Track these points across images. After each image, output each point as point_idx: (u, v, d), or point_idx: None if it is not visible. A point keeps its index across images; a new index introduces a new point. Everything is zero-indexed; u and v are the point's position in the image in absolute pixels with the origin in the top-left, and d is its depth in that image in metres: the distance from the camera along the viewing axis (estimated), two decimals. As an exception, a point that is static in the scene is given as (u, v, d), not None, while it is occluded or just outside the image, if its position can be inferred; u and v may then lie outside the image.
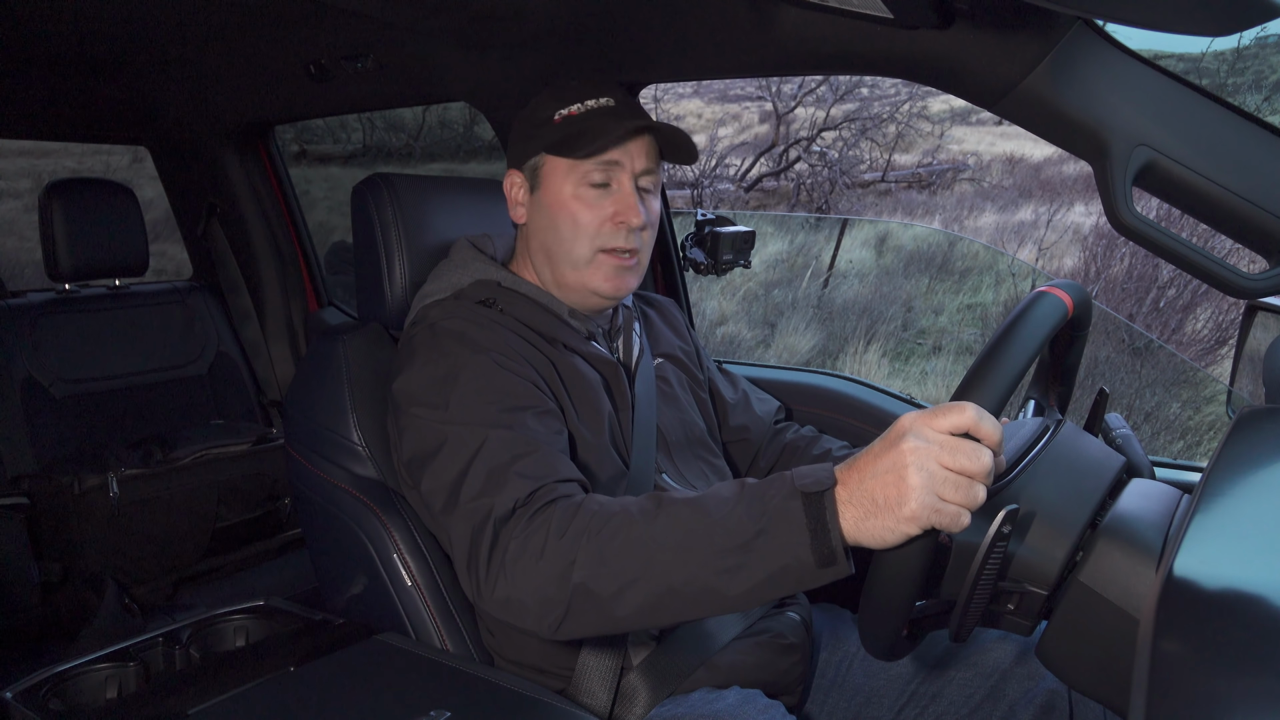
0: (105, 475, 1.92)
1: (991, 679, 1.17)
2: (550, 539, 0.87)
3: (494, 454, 0.98)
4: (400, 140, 12.60)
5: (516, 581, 0.89)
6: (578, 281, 1.19)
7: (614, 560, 0.84)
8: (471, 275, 1.23)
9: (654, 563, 0.82)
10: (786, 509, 0.79)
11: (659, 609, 0.84)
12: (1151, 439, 4.68)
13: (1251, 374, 1.17)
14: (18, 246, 8.55)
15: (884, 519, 0.75)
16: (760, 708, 1.07)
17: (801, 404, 1.67)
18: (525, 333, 1.17)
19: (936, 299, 7.38)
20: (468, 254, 1.26)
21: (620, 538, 0.85)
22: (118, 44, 1.83)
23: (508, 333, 1.14)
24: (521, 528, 0.90)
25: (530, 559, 0.88)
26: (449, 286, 1.22)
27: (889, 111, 13.56)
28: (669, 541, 0.82)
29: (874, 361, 6.07)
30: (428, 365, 1.10)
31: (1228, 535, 0.72)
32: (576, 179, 1.16)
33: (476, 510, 0.96)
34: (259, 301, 2.50)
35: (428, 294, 1.23)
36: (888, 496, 0.75)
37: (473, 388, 1.05)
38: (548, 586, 0.87)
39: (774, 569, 0.79)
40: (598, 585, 0.84)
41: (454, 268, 1.25)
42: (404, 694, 0.98)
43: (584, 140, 1.14)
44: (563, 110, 1.17)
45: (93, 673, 1.16)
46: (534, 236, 1.22)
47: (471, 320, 1.14)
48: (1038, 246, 8.57)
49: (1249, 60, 12.80)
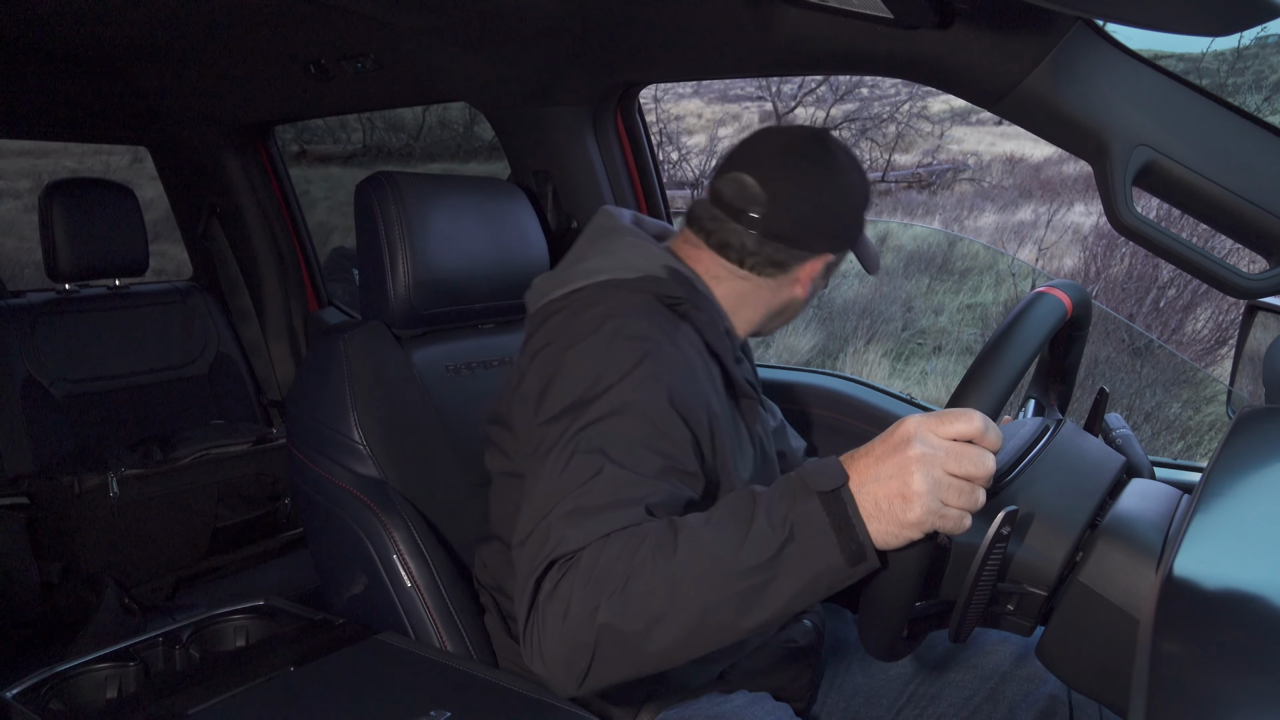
0: (105, 475, 1.92)
1: (991, 681, 1.17)
2: (576, 586, 0.81)
3: (596, 492, 0.86)
4: (400, 140, 12.60)
5: (547, 629, 0.82)
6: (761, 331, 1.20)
7: (638, 598, 0.78)
8: (659, 262, 1.07)
9: (680, 594, 0.78)
10: (808, 512, 0.76)
11: (693, 639, 0.79)
12: (1151, 439, 4.68)
13: (1251, 374, 1.17)
14: (18, 246, 8.55)
15: (886, 523, 0.74)
16: (767, 709, 1.06)
17: (801, 404, 1.67)
18: (702, 349, 1.06)
19: (936, 299, 7.37)
20: (640, 235, 1.12)
21: (643, 574, 0.79)
22: (118, 43, 1.84)
23: (695, 356, 1.03)
24: (562, 569, 0.84)
25: (559, 606, 0.82)
26: (634, 267, 1.06)
27: (889, 111, 13.56)
28: (692, 571, 0.77)
29: (874, 361, 6.07)
30: (592, 359, 0.96)
31: (1228, 535, 0.72)
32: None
33: (546, 538, 0.86)
34: (259, 301, 2.50)
35: (603, 269, 1.07)
36: (891, 501, 0.74)
37: (626, 410, 0.91)
38: (576, 632, 0.80)
39: (805, 579, 0.76)
40: (624, 625, 0.79)
41: (631, 247, 1.09)
42: (404, 694, 0.98)
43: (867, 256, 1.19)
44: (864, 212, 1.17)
45: (93, 673, 1.16)
46: (790, 308, 1.18)
47: (662, 330, 1.00)
48: (1038, 246, 8.57)
49: (1249, 60, 12.80)
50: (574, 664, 0.81)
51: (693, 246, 1.15)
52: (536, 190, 1.75)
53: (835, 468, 0.77)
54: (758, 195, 1.09)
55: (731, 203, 1.11)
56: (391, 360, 1.33)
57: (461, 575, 1.25)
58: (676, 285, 1.05)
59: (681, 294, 1.05)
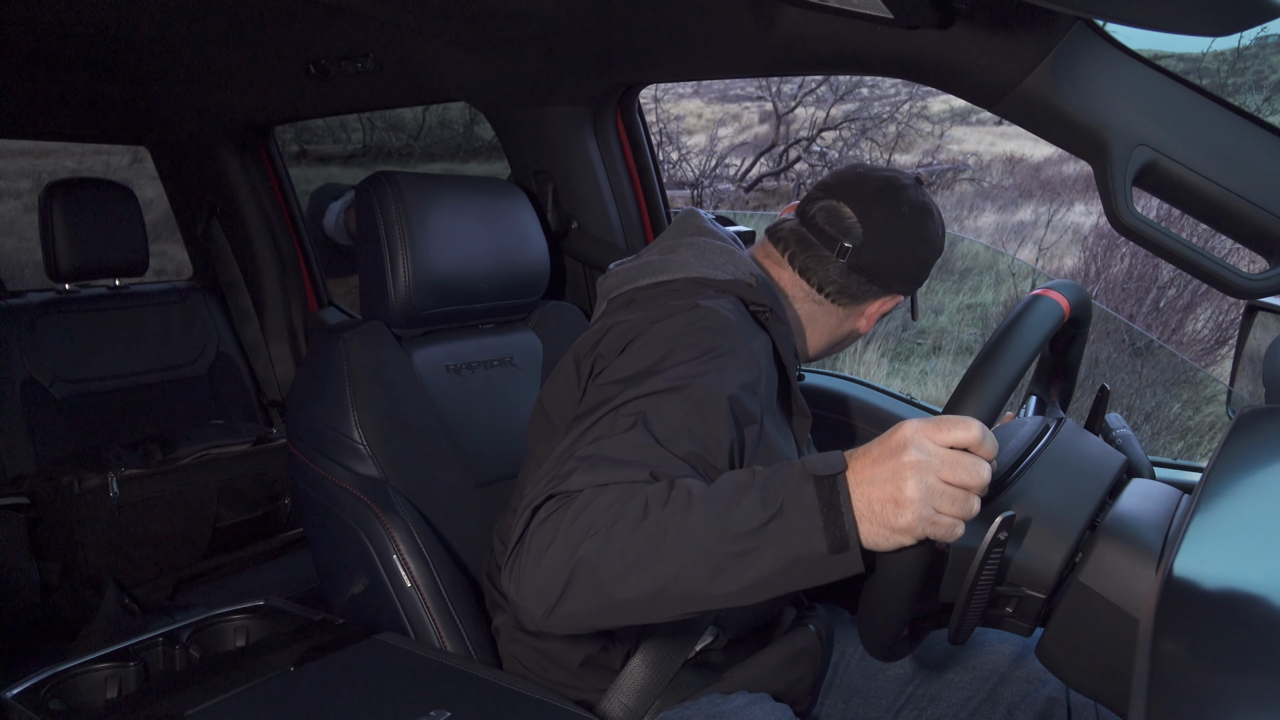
0: (105, 475, 1.92)
1: (990, 682, 1.17)
2: (565, 521, 0.82)
3: (616, 448, 0.88)
4: (400, 140, 12.59)
5: (527, 555, 0.84)
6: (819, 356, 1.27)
7: (619, 541, 0.80)
8: (748, 269, 1.10)
9: (660, 547, 0.79)
10: (800, 493, 0.76)
11: (663, 595, 0.80)
12: (1152, 439, 4.68)
13: (1251, 374, 1.17)
14: (18, 246, 8.54)
15: (877, 525, 0.74)
16: (767, 710, 1.06)
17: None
18: (770, 355, 1.07)
19: (936, 299, 7.37)
20: (728, 241, 1.14)
21: (629, 519, 0.80)
22: (118, 44, 1.84)
23: (762, 358, 1.03)
24: (554, 504, 0.85)
25: (545, 535, 0.83)
26: (723, 269, 1.09)
27: (889, 111, 13.55)
28: (677, 526, 0.79)
29: (873, 361, 6.07)
30: (671, 336, 0.98)
31: (1228, 535, 0.72)
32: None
33: (554, 471, 0.88)
34: (259, 301, 2.50)
35: (693, 267, 1.09)
36: (884, 504, 0.74)
37: (679, 390, 0.92)
38: (554, 561, 0.82)
39: (785, 558, 0.76)
40: (602, 561, 0.80)
41: (722, 252, 1.11)
42: (404, 694, 0.98)
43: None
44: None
45: (93, 673, 1.16)
46: (848, 337, 1.26)
47: (742, 330, 1.02)
48: (1038, 246, 8.57)
49: (1249, 60, 12.79)
50: (546, 593, 0.82)
51: (774, 262, 1.20)
52: (536, 190, 1.75)
53: (837, 458, 0.78)
54: (854, 229, 1.15)
55: (825, 229, 1.16)
56: (391, 360, 1.33)
57: (461, 575, 1.25)
58: (764, 294, 1.08)
59: (767, 302, 1.08)
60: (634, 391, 0.92)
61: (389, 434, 1.28)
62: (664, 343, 0.97)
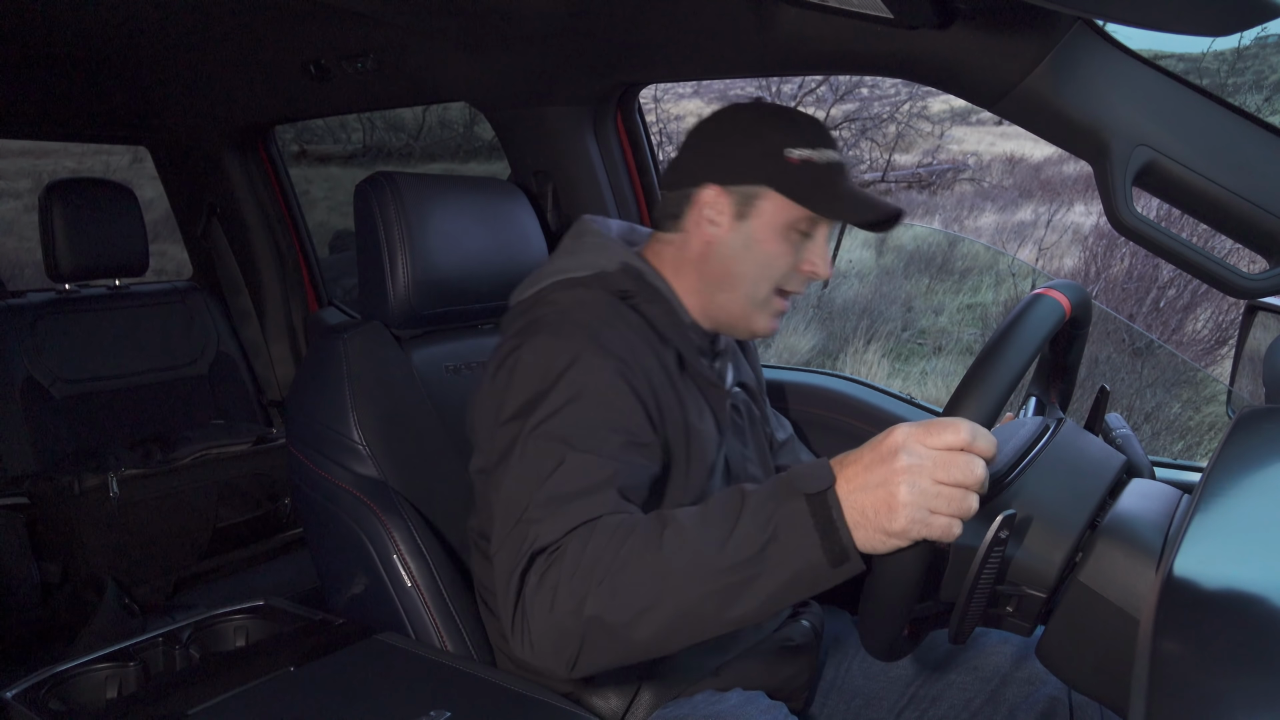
0: (105, 475, 1.92)
1: (991, 683, 1.17)
2: (563, 578, 0.84)
3: (565, 480, 0.90)
4: (400, 140, 12.59)
5: (532, 621, 0.85)
6: (744, 316, 1.14)
7: (625, 590, 0.81)
8: (615, 259, 1.12)
9: (666, 587, 0.80)
10: (792, 513, 0.77)
11: (677, 631, 0.82)
12: (1152, 439, 4.68)
13: (1251, 374, 1.17)
14: (18, 246, 8.54)
15: (871, 530, 0.75)
16: (762, 709, 1.07)
17: (801, 404, 1.66)
18: (650, 337, 1.09)
19: (936, 299, 7.37)
20: (604, 236, 1.17)
21: (630, 566, 0.82)
22: (118, 44, 1.84)
23: (637, 338, 1.06)
24: (544, 563, 0.86)
25: (548, 597, 0.84)
26: (589, 265, 1.12)
27: (889, 111, 13.56)
28: (678, 564, 0.80)
29: (874, 361, 6.07)
30: (539, 355, 1.00)
31: (1228, 535, 0.72)
32: (791, 223, 1.10)
33: (524, 533, 0.89)
34: (259, 301, 2.49)
35: (562, 269, 1.12)
36: (877, 510, 0.75)
37: (577, 396, 0.96)
38: (563, 622, 0.83)
39: (788, 575, 0.78)
40: (611, 616, 0.81)
41: (590, 248, 1.15)
42: (404, 694, 0.98)
43: (831, 199, 1.08)
44: (800, 151, 1.10)
45: (93, 673, 1.16)
46: (720, 260, 1.12)
47: (602, 318, 1.05)
48: (1038, 246, 8.57)
49: (1249, 60, 12.80)
50: (562, 652, 0.84)
51: (657, 243, 1.19)
52: (536, 190, 1.75)
53: (824, 470, 0.78)
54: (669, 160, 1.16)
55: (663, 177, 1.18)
56: (391, 360, 1.33)
57: (461, 575, 1.25)
58: (626, 279, 1.10)
59: (630, 287, 1.10)
60: (535, 418, 0.95)
61: (389, 434, 1.28)
62: (538, 364, 1.00)
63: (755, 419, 1.30)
